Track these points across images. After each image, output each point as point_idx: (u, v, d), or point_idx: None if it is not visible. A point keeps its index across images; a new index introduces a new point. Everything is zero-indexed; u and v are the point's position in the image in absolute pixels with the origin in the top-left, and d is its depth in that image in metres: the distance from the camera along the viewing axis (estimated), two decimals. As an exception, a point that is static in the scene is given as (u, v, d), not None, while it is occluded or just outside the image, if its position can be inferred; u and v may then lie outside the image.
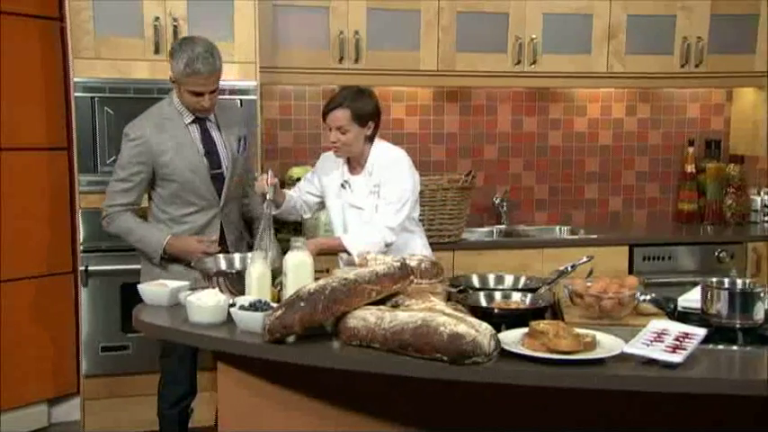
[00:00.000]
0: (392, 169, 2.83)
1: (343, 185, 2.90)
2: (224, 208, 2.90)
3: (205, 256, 2.68)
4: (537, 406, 2.03)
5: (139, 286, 2.47)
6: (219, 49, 2.83)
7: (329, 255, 2.94)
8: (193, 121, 2.85)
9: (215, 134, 2.90)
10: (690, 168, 4.29)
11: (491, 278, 2.56)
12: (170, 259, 2.82)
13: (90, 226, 3.30)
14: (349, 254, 2.74)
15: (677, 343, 1.86)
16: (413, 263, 2.27)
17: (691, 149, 4.29)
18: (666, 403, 1.93)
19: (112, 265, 3.31)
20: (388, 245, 2.78)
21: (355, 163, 2.89)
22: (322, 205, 3.12)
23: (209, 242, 2.80)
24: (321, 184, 3.00)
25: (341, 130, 2.77)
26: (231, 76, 3.35)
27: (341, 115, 2.75)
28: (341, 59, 3.69)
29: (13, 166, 3.49)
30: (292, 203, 3.00)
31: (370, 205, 2.84)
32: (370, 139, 2.85)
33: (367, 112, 2.79)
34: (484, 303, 2.26)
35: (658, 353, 1.82)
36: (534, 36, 3.86)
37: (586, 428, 2.04)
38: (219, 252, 2.75)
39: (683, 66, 4.01)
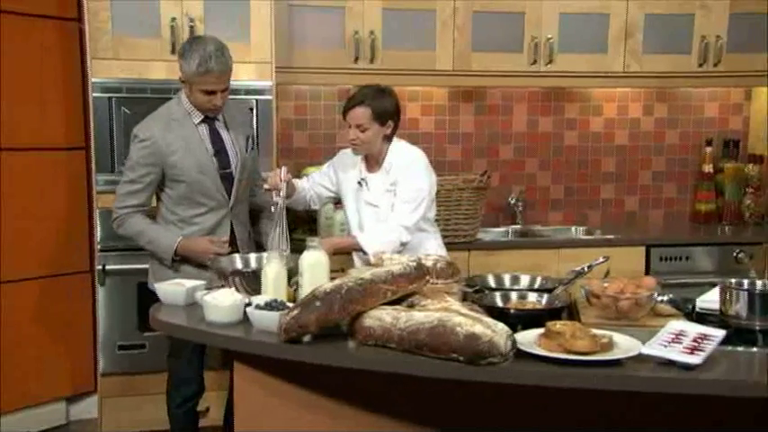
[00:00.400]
0: (409, 168, 2.83)
1: (360, 183, 2.91)
2: (234, 208, 2.89)
3: (217, 256, 2.69)
4: (550, 406, 2.02)
5: (156, 285, 2.48)
6: (235, 49, 2.84)
7: (344, 254, 2.94)
8: (202, 121, 2.83)
9: (224, 134, 2.88)
10: (708, 168, 4.25)
11: (507, 278, 2.55)
12: (182, 260, 2.82)
13: (107, 225, 3.30)
14: (365, 253, 2.74)
15: (695, 344, 1.85)
16: (428, 263, 2.27)
17: (708, 149, 4.26)
18: (667, 403, 1.90)
19: (129, 264, 3.33)
20: (403, 244, 2.78)
21: (373, 161, 2.90)
22: (331, 199, 3.13)
23: (220, 243, 2.80)
24: (337, 179, 3.00)
25: (360, 127, 2.77)
26: (247, 77, 3.37)
27: (361, 113, 2.76)
28: (356, 59, 3.69)
29: (31, 165, 3.52)
30: (303, 194, 3.02)
31: (386, 203, 2.84)
32: (389, 138, 2.86)
33: (387, 111, 2.80)
34: (500, 304, 2.26)
35: (676, 354, 1.80)
36: (550, 36, 3.84)
37: (586, 428, 2.03)
38: (230, 252, 2.75)
39: (700, 65, 3.98)
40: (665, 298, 2.27)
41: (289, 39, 3.63)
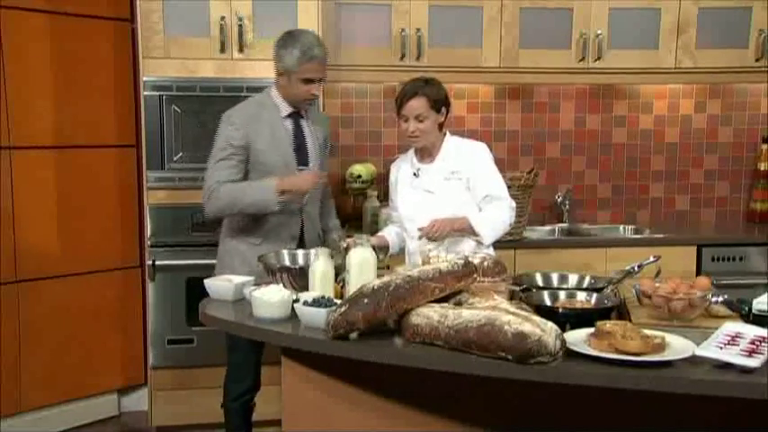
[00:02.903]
0: (478, 157, 2.88)
1: (415, 174, 2.91)
2: (306, 205, 2.91)
3: (265, 255, 2.64)
4: (599, 406, 1.99)
5: (206, 281, 2.52)
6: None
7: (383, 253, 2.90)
8: (289, 116, 2.88)
9: (306, 131, 2.93)
10: (764, 166, 4.14)
11: (555, 277, 2.52)
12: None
13: (157, 221, 3.39)
14: (476, 234, 2.76)
15: (753, 347, 1.79)
16: (476, 261, 2.26)
17: (765, 146, 4.14)
18: (716, 408, 1.85)
19: (178, 259, 3.39)
20: (510, 225, 2.86)
21: (426, 154, 2.90)
22: None
23: (319, 174, 2.85)
24: (397, 187, 3.00)
25: (419, 118, 2.79)
26: (294, 75, 3.39)
27: (418, 104, 2.79)
28: (402, 57, 3.69)
29: (84, 163, 3.62)
30: (398, 241, 2.98)
31: (443, 190, 2.83)
32: (441, 128, 2.87)
33: (441, 98, 2.84)
34: (548, 302, 2.23)
35: (733, 356, 1.75)
36: (600, 31, 3.78)
37: (634, 429, 1.99)
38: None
39: (757, 59, 3.86)
40: (720, 299, 2.21)
41: (335, 36, 3.65)
